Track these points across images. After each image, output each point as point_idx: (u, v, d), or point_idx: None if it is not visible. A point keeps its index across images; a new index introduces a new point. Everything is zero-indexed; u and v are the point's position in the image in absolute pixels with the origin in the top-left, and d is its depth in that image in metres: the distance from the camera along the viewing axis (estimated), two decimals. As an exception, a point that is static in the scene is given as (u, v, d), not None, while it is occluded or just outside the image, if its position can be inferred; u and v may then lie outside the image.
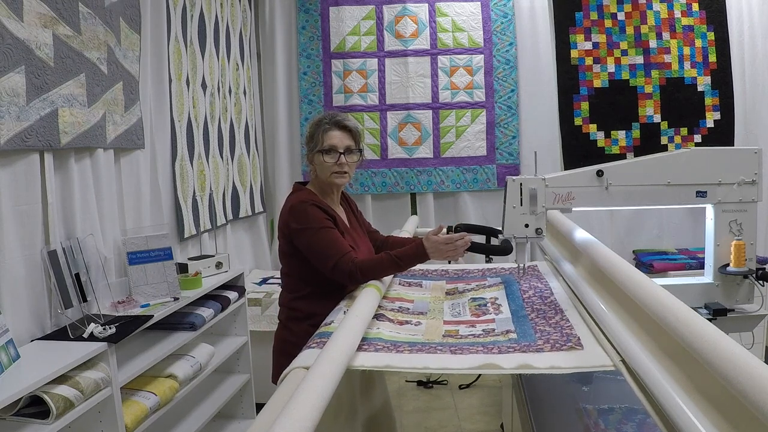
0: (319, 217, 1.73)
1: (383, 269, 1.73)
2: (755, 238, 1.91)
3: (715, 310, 1.88)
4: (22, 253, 1.72)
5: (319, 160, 1.82)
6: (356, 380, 1.81)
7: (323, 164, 1.81)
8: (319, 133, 1.82)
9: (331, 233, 1.73)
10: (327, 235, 1.72)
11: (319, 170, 1.84)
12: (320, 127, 1.82)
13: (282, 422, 0.80)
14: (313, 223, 1.72)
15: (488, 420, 3.03)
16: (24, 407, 1.50)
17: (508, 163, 3.96)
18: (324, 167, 1.81)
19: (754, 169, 1.86)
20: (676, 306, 1.03)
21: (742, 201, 1.87)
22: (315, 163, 1.84)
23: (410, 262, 1.75)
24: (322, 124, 1.83)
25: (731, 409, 0.82)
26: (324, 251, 1.70)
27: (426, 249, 1.72)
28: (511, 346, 1.30)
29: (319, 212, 1.74)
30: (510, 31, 3.92)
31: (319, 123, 1.85)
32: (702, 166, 1.86)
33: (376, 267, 1.71)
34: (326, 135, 1.81)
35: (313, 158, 1.85)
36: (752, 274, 1.89)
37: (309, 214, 1.73)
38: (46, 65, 1.77)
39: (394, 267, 1.74)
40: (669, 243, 3.89)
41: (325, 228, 1.72)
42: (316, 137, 1.82)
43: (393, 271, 1.78)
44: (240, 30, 3.62)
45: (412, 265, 1.78)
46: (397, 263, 1.72)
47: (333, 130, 1.81)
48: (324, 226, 1.72)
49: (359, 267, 1.68)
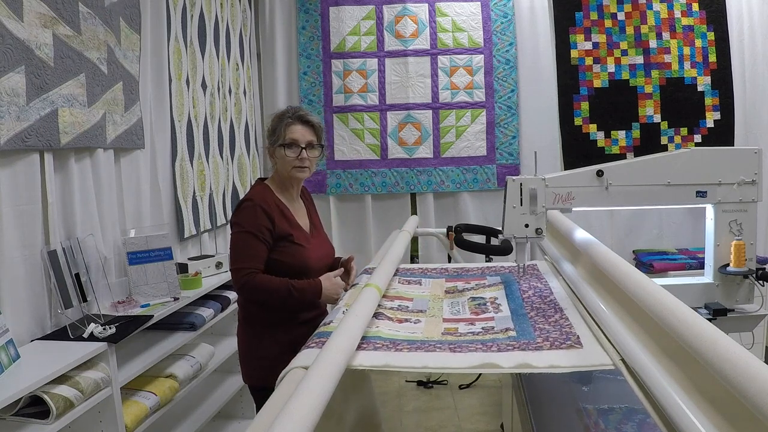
0: (251, 220, 1.77)
1: (277, 296, 1.75)
2: (755, 238, 1.91)
3: (715, 310, 1.87)
4: (22, 253, 1.72)
5: (280, 154, 1.84)
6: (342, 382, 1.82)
7: (284, 158, 1.84)
8: (281, 128, 1.84)
9: (252, 241, 1.75)
10: (247, 241, 1.75)
11: (280, 164, 1.86)
12: (282, 121, 1.84)
13: (281, 422, 0.80)
14: (244, 225, 1.77)
15: (488, 420, 3.03)
16: (24, 407, 1.50)
17: (508, 163, 3.96)
18: (285, 161, 1.84)
19: (754, 169, 1.86)
20: (676, 306, 1.03)
21: (742, 201, 1.87)
22: (276, 156, 1.87)
23: (304, 296, 1.77)
24: (284, 118, 1.85)
25: (731, 409, 0.82)
26: (236, 253, 1.77)
27: (323, 286, 1.77)
28: (510, 344, 1.30)
29: (257, 217, 1.77)
30: (510, 31, 3.92)
31: (281, 117, 1.86)
32: (702, 166, 1.86)
33: (270, 291, 1.75)
34: (288, 129, 1.83)
35: (274, 152, 1.87)
36: (752, 274, 1.88)
37: (244, 214, 1.78)
38: (46, 65, 1.77)
39: (286, 294, 1.75)
40: (669, 243, 3.89)
41: (247, 233, 1.76)
42: (278, 131, 1.84)
43: (286, 298, 1.76)
44: (240, 30, 3.62)
45: (305, 298, 1.79)
46: (291, 293, 1.75)
47: (295, 124, 1.84)
48: (249, 231, 1.76)
49: (254, 284, 1.73)
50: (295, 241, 1.83)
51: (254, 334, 1.87)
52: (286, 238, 1.81)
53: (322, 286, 1.78)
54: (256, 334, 1.86)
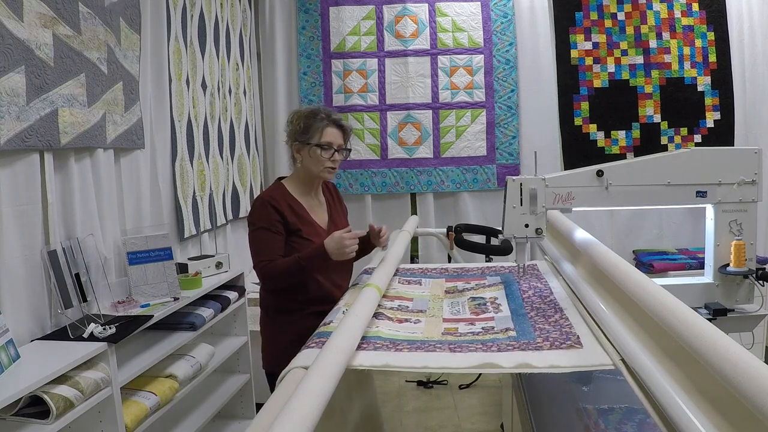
0: (264, 217, 1.82)
1: (290, 274, 1.78)
2: (755, 238, 1.90)
3: (715, 310, 1.87)
4: (22, 253, 1.72)
5: (314, 153, 1.87)
6: (345, 382, 1.82)
7: (318, 158, 1.87)
8: (316, 128, 1.87)
9: (266, 235, 1.81)
10: (262, 236, 1.82)
11: (311, 163, 1.89)
12: (317, 121, 1.87)
13: (281, 422, 0.80)
14: (257, 222, 1.83)
15: (488, 420, 3.03)
16: (24, 407, 1.50)
17: (508, 163, 3.96)
18: (318, 161, 1.88)
19: (754, 169, 1.85)
20: (676, 306, 1.03)
21: (742, 201, 1.87)
22: (305, 154, 1.89)
23: (311, 261, 1.76)
24: (319, 119, 1.88)
25: (731, 409, 0.82)
26: (255, 249, 1.84)
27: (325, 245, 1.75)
28: (510, 344, 1.30)
29: (268, 212, 1.82)
30: (510, 31, 3.92)
31: (314, 116, 1.88)
32: (702, 166, 1.86)
33: (284, 272, 1.78)
34: (325, 131, 1.88)
35: (302, 149, 1.89)
36: (752, 274, 1.88)
37: (256, 213, 1.85)
38: (46, 65, 1.77)
39: (297, 268, 1.76)
40: (669, 243, 3.89)
41: (260, 228, 1.82)
42: (312, 131, 1.87)
43: (299, 273, 1.78)
44: (240, 30, 3.62)
45: (314, 264, 1.78)
46: (299, 264, 1.76)
47: (331, 127, 1.89)
48: (261, 226, 1.82)
49: (270, 271, 1.79)
50: (304, 236, 1.86)
51: (269, 323, 1.94)
52: (295, 233, 1.85)
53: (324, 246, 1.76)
54: (271, 323, 1.94)
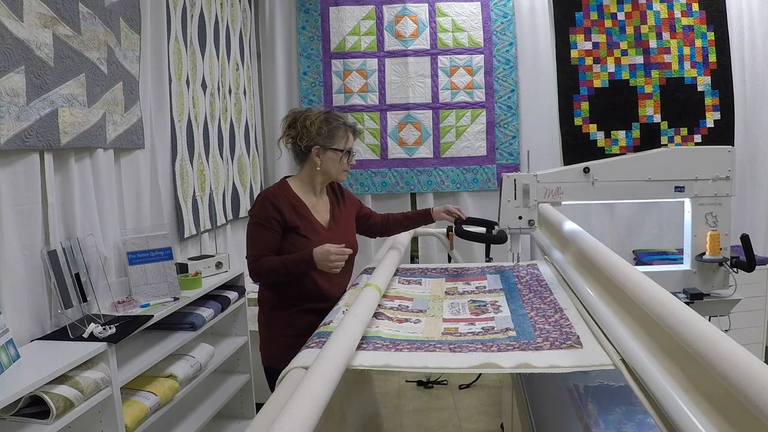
0: (261, 213, 1.87)
1: (276, 273, 1.84)
2: (729, 229, 2.05)
3: (692, 294, 2.03)
4: (22, 253, 1.72)
5: (333, 156, 1.95)
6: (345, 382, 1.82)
7: (337, 162, 1.95)
8: (339, 134, 1.95)
9: (259, 231, 1.87)
10: (256, 231, 1.88)
11: (329, 165, 1.95)
12: (339, 128, 1.95)
13: (281, 422, 0.80)
14: (254, 217, 1.90)
15: (488, 420, 3.03)
16: (24, 407, 1.50)
17: (508, 163, 3.96)
18: (338, 165, 1.96)
19: (727, 166, 2.01)
20: (677, 306, 1.03)
21: (717, 195, 2.02)
22: (325, 157, 1.94)
23: (297, 264, 1.82)
24: (341, 126, 1.96)
25: (731, 409, 0.82)
26: (249, 243, 1.90)
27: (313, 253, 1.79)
28: (510, 344, 1.30)
29: (266, 209, 1.87)
30: (510, 31, 3.92)
31: (335, 122, 1.95)
32: (680, 163, 2.02)
33: (271, 270, 1.84)
34: (348, 139, 1.98)
35: (323, 152, 1.94)
36: (726, 261, 2.03)
37: (255, 208, 1.90)
38: (46, 65, 1.77)
39: (283, 270, 1.82)
40: (669, 243, 3.88)
41: (255, 224, 1.88)
42: (337, 137, 1.94)
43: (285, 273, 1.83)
44: (240, 30, 3.62)
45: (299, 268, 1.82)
46: (285, 266, 1.82)
47: (350, 133, 1.99)
48: (256, 222, 1.88)
49: (258, 267, 1.86)
50: (301, 232, 1.88)
51: (266, 319, 1.98)
52: (293, 229, 1.88)
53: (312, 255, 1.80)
54: (268, 319, 1.97)
